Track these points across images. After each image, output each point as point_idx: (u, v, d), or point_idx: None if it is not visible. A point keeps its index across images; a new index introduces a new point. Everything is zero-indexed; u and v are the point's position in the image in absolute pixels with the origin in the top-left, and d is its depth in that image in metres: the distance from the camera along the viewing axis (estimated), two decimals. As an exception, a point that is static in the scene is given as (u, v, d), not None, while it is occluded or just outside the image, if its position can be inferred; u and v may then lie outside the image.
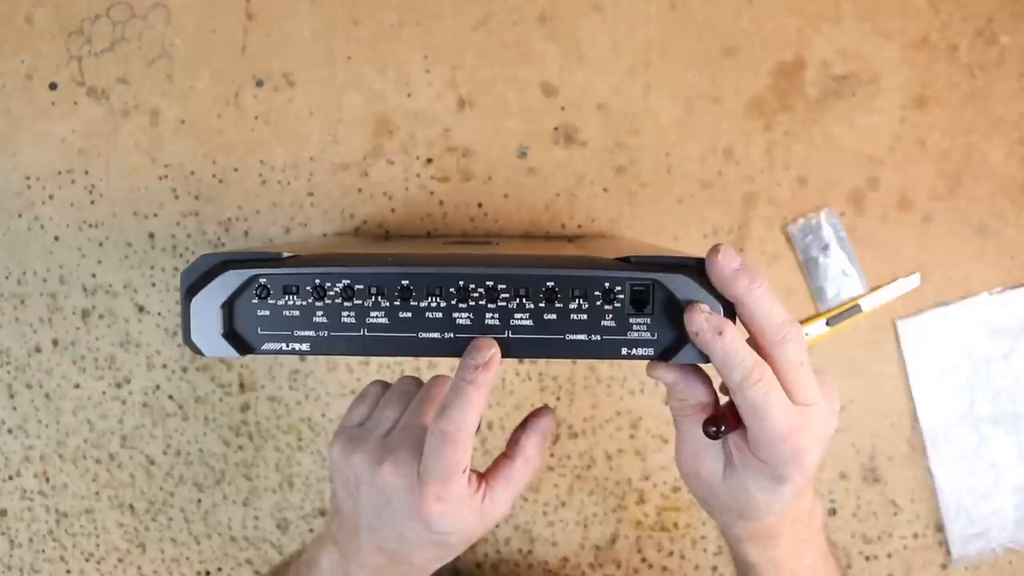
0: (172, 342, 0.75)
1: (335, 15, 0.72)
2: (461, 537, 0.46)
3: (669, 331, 0.42)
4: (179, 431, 0.76)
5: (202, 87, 0.73)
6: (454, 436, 0.42)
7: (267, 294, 0.42)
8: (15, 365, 0.76)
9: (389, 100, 0.72)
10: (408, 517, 0.44)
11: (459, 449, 0.42)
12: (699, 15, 0.71)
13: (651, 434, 0.75)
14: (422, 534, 0.45)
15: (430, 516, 0.43)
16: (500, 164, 0.72)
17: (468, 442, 0.42)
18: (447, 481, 0.43)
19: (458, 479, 0.43)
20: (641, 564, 0.76)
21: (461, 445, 0.42)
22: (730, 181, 0.72)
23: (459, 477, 0.43)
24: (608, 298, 0.42)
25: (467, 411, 0.42)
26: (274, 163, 0.73)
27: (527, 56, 0.71)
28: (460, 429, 0.42)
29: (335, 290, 0.42)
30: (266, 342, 0.43)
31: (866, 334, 0.73)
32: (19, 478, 0.78)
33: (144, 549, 0.79)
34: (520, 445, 0.47)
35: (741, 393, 0.40)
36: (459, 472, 0.43)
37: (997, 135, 0.71)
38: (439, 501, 0.43)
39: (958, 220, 0.72)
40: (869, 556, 0.75)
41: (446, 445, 0.42)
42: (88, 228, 0.74)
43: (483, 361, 0.41)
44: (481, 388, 0.41)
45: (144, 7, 0.72)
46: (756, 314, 0.40)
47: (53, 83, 0.73)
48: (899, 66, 0.71)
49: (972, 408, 0.73)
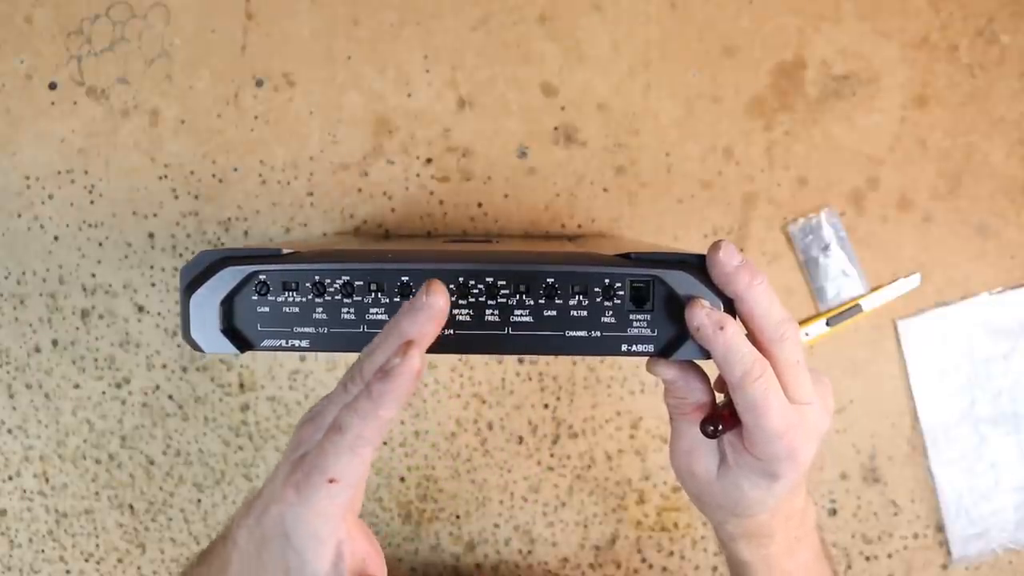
0: (172, 342, 0.75)
1: (335, 15, 0.72)
2: (303, 556, 0.39)
3: (669, 327, 0.42)
4: (179, 431, 0.76)
5: (202, 87, 0.73)
6: (336, 442, 0.38)
7: (267, 290, 0.42)
8: (15, 365, 0.76)
9: (389, 100, 0.72)
10: (273, 492, 0.40)
11: (332, 457, 0.38)
12: (699, 15, 0.71)
13: (651, 434, 0.75)
14: (275, 516, 0.40)
15: (284, 499, 0.39)
16: (500, 164, 0.72)
17: (349, 455, 0.37)
18: (309, 477, 0.38)
19: (320, 485, 0.38)
20: (641, 564, 0.76)
21: (341, 455, 0.37)
22: (730, 181, 0.72)
23: (322, 484, 0.38)
24: (608, 294, 0.41)
25: (363, 426, 0.37)
26: (274, 163, 0.73)
27: (527, 56, 0.72)
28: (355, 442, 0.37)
29: (335, 286, 0.42)
30: (265, 339, 0.43)
31: (866, 334, 0.73)
32: (19, 478, 0.78)
33: (144, 549, 0.78)
34: None
35: (741, 389, 0.40)
36: (323, 479, 0.38)
37: (997, 135, 0.71)
38: (296, 491, 0.38)
39: (958, 220, 0.72)
40: (869, 556, 0.75)
41: (327, 445, 0.38)
42: (88, 228, 0.74)
43: (393, 366, 0.37)
44: (387, 406, 0.37)
45: (144, 7, 0.72)
46: (755, 311, 0.40)
47: (53, 83, 0.73)
48: (899, 66, 0.71)
49: (972, 408, 0.73)
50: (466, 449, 0.75)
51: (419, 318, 0.37)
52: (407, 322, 0.38)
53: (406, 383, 0.36)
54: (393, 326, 0.38)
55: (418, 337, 0.37)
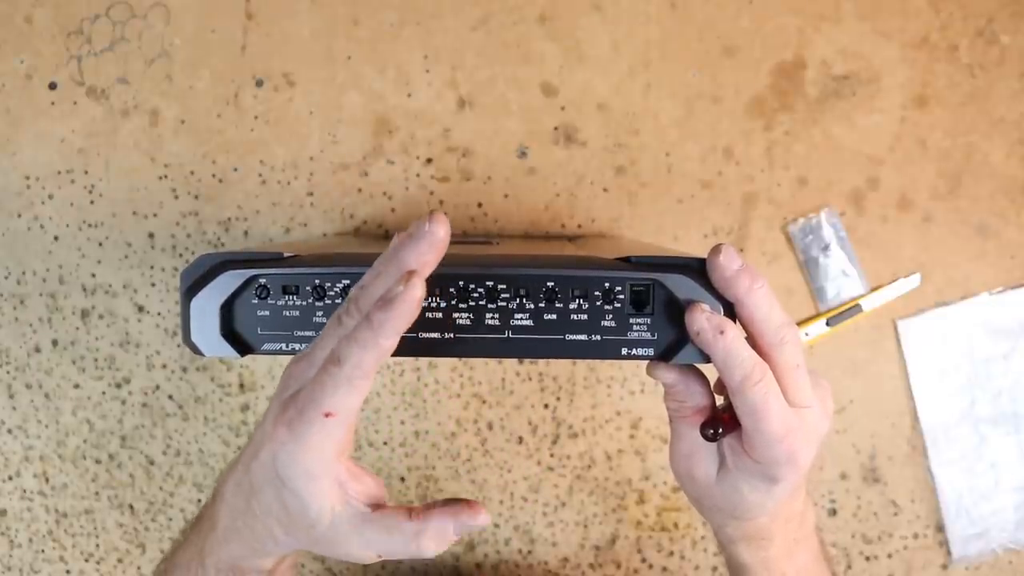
0: (172, 342, 0.75)
1: (335, 15, 0.72)
2: (301, 496, 0.39)
3: (669, 331, 0.42)
4: (179, 431, 0.76)
5: (202, 87, 0.73)
6: (334, 374, 0.37)
7: (267, 294, 0.42)
8: (15, 365, 0.76)
9: (389, 100, 0.72)
10: (262, 436, 0.39)
11: (329, 390, 0.37)
12: (699, 15, 0.71)
13: (651, 434, 0.75)
14: (266, 460, 0.39)
15: (275, 438, 0.38)
16: (500, 164, 0.72)
17: (347, 387, 0.37)
18: (303, 412, 0.37)
19: (315, 419, 0.37)
20: (641, 564, 0.76)
21: (339, 387, 0.37)
22: (730, 181, 0.72)
23: (317, 418, 0.37)
24: (608, 298, 0.41)
25: (362, 356, 0.36)
26: (274, 163, 0.73)
27: (527, 56, 0.71)
28: (353, 373, 0.36)
29: (335, 290, 0.42)
30: (266, 342, 0.43)
31: (866, 334, 0.73)
32: (19, 478, 0.78)
33: (144, 549, 0.78)
34: (429, 513, 0.41)
35: (741, 393, 0.40)
36: (318, 413, 0.37)
37: (997, 135, 0.71)
38: (288, 428, 0.38)
39: (958, 220, 0.72)
40: (869, 556, 0.75)
41: (324, 378, 0.37)
42: (88, 228, 0.74)
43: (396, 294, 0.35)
44: (388, 334, 0.36)
45: (144, 7, 0.72)
46: (756, 315, 0.40)
47: (53, 83, 0.73)
48: (899, 66, 0.71)
49: (972, 408, 0.73)
50: (466, 449, 0.75)
51: (420, 247, 0.37)
52: (407, 251, 0.37)
53: (408, 311, 0.36)
54: (391, 256, 0.37)
55: (419, 267, 0.37)
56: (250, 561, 0.44)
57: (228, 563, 0.44)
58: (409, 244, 0.37)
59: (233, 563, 0.44)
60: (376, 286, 0.37)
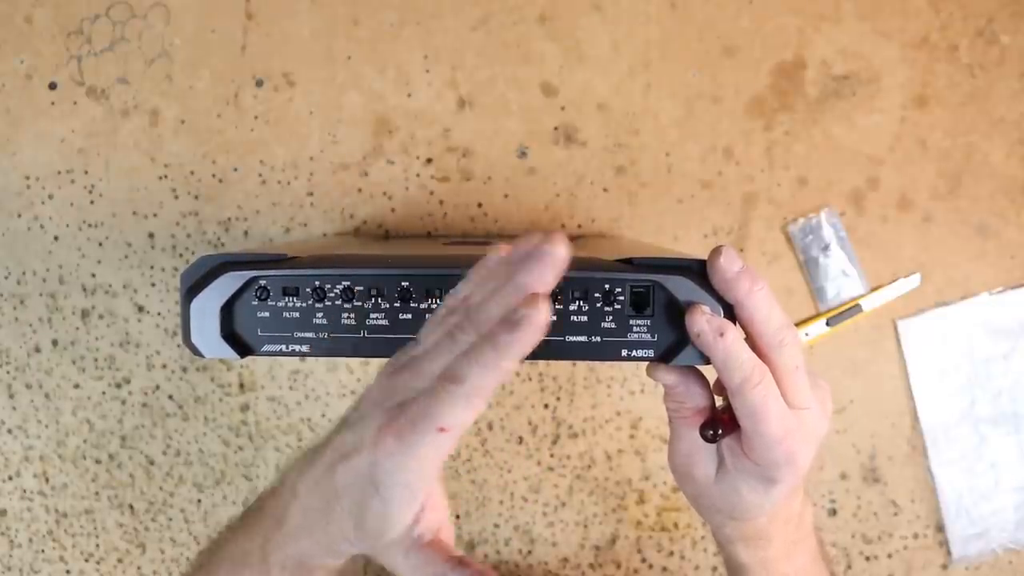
0: (172, 342, 0.75)
1: (335, 15, 0.72)
2: (389, 506, 0.38)
3: (669, 333, 0.42)
4: (179, 431, 0.76)
5: (202, 87, 0.73)
6: (453, 392, 0.36)
7: (267, 296, 0.42)
8: (15, 365, 0.76)
9: (389, 100, 0.72)
10: (358, 441, 0.38)
11: (446, 407, 0.36)
12: (699, 15, 0.71)
13: (651, 434, 0.75)
14: (360, 466, 0.38)
15: (380, 446, 0.37)
16: (500, 164, 0.72)
17: (464, 405, 0.36)
18: (415, 424, 0.36)
19: (428, 432, 0.36)
20: (641, 564, 0.76)
21: (456, 405, 0.36)
22: (730, 181, 0.72)
23: (430, 431, 0.36)
24: (608, 300, 0.41)
25: (484, 377, 0.36)
26: (274, 163, 0.73)
27: (527, 56, 0.71)
28: (472, 392, 0.36)
29: (335, 291, 0.42)
30: (266, 343, 0.43)
31: (866, 334, 0.73)
32: (19, 478, 0.78)
33: (144, 549, 0.79)
34: (462, 568, 0.40)
35: (741, 395, 0.40)
36: (432, 427, 0.36)
37: (997, 135, 0.71)
38: (398, 438, 0.37)
39: (958, 220, 0.72)
40: (869, 556, 0.75)
41: (442, 394, 0.36)
42: (88, 228, 0.74)
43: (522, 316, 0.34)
44: (512, 357, 0.35)
45: (144, 7, 0.72)
46: (755, 317, 0.40)
47: (53, 83, 0.73)
48: (899, 66, 0.71)
49: (972, 408, 0.73)
50: (466, 449, 0.75)
51: (542, 268, 0.35)
52: (527, 272, 0.35)
53: (535, 335, 0.35)
54: (506, 275, 0.36)
55: (542, 288, 0.36)
56: (320, 559, 0.44)
57: (296, 560, 0.44)
58: (530, 264, 0.35)
59: (301, 560, 0.44)
60: (493, 304, 0.36)
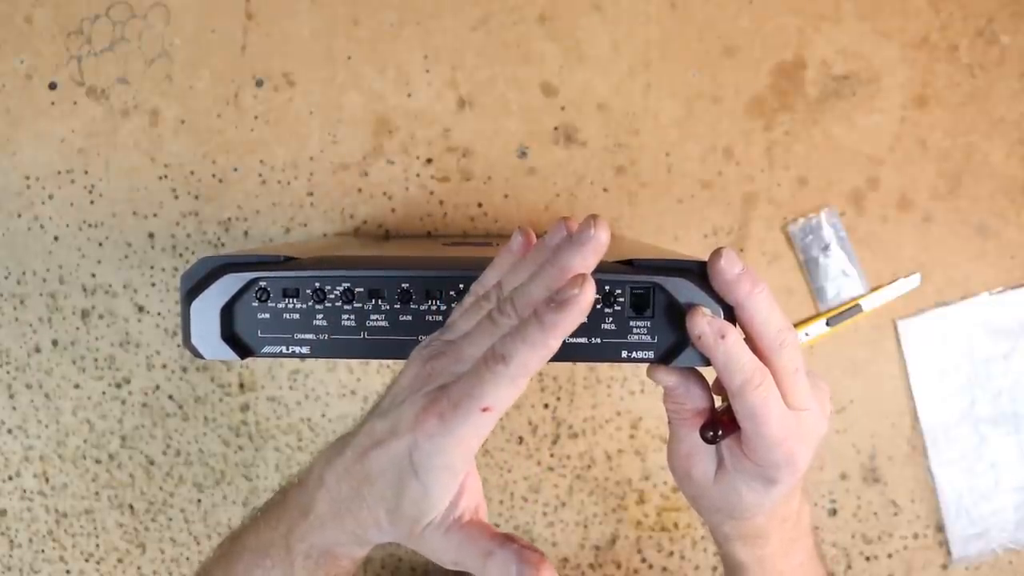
0: (172, 342, 0.75)
1: (335, 15, 0.71)
2: (429, 488, 0.38)
3: (669, 334, 0.42)
4: (179, 431, 0.76)
5: (202, 87, 0.72)
6: (498, 372, 0.36)
7: (267, 297, 0.42)
8: (15, 365, 0.76)
9: (389, 100, 0.72)
10: (396, 426, 0.39)
11: (490, 386, 0.36)
12: (699, 15, 0.71)
13: (651, 434, 0.75)
14: (397, 449, 0.38)
15: (422, 429, 0.37)
16: (500, 164, 0.72)
17: (509, 384, 0.36)
18: (458, 405, 0.37)
19: (472, 412, 0.37)
20: (641, 564, 0.76)
21: (501, 384, 0.36)
22: (730, 181, 0.72)
23: (474, 412, 0.37)
24: (609, 301, 0.41)
25: (530, 356, 0.36)
26: (274, 163, 0.73)
27: (527, 56, 0.71)
28: (517, 371, 0.36)
29: (335, 293, 0.42)
30: (266, 345, 0.43)
31: (866, 334, 0.73)
32: (19, 478, 0.78)
33: (144, 549, 0.79)
34: (505, 543, 0.39)
35: (741, 397, 0.40)
36: (476, 407, 0.36)
37: (997, 135, 0.71)
38: (440, 420, 0.37)
39: (958, 220, 0.72)
40: (869, 556, 0.75)
41: (486, 374, 0.36)
42: (88, 228, 0.74)
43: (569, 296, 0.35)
44: (558, 336, 0.35)
45: (144, 7, 0.72)
46: (756, 319, 0.40)
47: (53, 83, 0.73)
48: (899, 66, 0.71)
49: (972, 408, 0.73)
50: (466, 449, 0.75)
51: (585, 251, 0.36)
52: (571, 254, 0.36)
53: (581, 314, 0.35)
54: (550, 258, 0.37)
55: (586, 271, 0.36)
56: (346, 548, 0.44)
57: (321, 549, 0.44)
58: (573, 248, 0.36)
59: (327, 549, 0.44)
60: (535, 287, 0.37)
